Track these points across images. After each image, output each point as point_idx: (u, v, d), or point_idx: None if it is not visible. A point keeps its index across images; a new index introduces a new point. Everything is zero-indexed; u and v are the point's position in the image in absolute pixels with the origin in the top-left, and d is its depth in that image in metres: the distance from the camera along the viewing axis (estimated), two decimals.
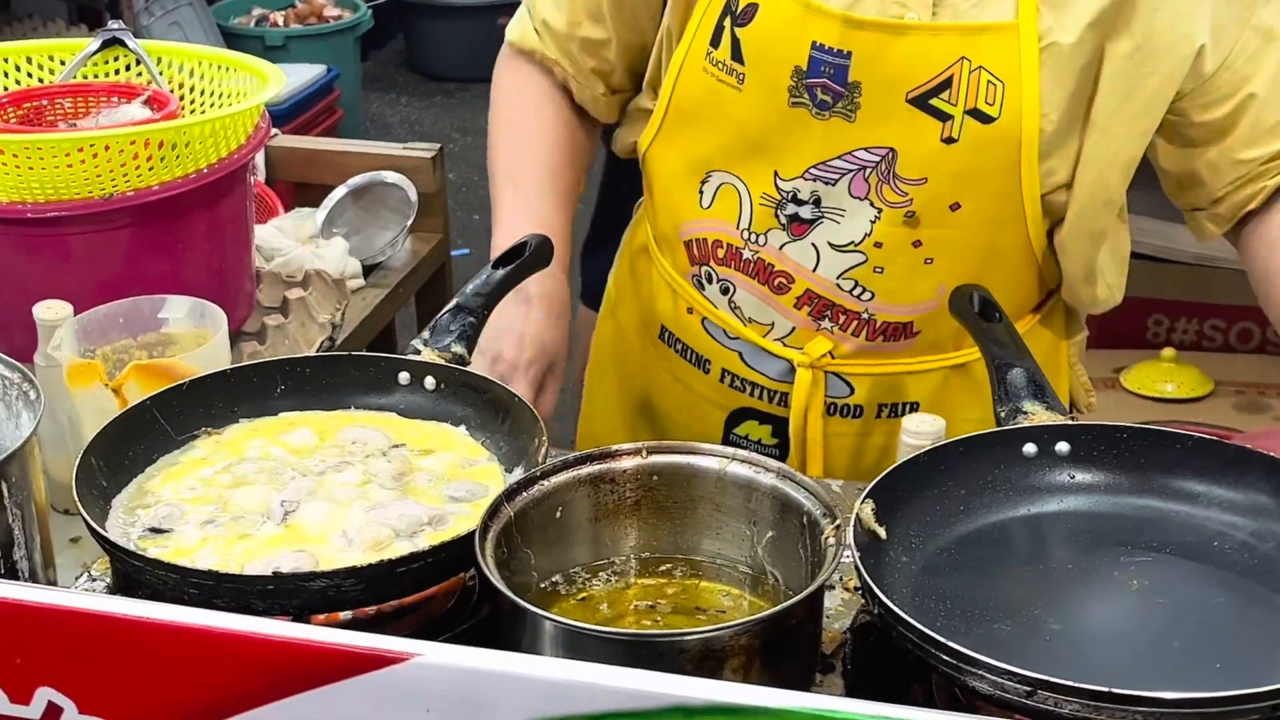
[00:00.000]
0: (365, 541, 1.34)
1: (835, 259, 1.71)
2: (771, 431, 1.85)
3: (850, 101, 1.64)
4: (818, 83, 1.64)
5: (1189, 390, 3.11)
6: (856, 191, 1.68)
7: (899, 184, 1.66)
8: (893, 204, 1.67)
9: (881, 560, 1.31)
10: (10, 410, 1.48)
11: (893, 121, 1.64)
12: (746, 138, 1.71)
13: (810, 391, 1.78)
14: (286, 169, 2.72)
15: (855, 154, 1.66)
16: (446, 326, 1.57)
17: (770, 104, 1.67)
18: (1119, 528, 1.37)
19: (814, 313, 1.76)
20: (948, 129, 1.63)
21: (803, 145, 1.68)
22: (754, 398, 1.84)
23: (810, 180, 1.69)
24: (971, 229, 1.69)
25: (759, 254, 1.75)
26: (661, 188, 1.84)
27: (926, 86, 1.62)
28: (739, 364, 1.83)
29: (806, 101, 1.65)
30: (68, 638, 1.01)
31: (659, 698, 0.94)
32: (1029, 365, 1.48)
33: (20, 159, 1.80)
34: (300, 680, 0.98)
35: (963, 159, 1.64)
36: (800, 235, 1.72)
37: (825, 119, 1.65)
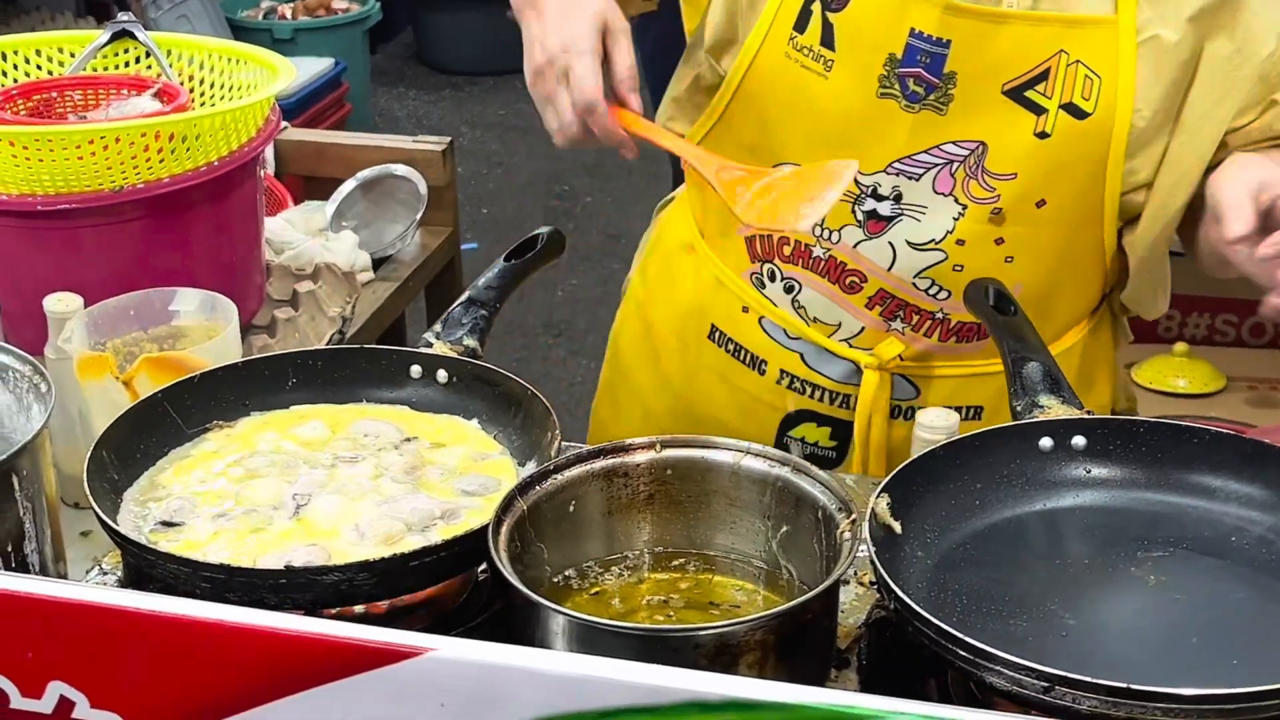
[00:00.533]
0: (377, 535, 1.34)
1: (913, 257, 1.68)
2: (830, 434, 1.81)
3: (943, 93, 1.60)
4: (911, 72, 1.61)
5: (1201, 385, 3.10)
6: (941, 187, 1.65)
7: (987, 179, 1.63)
8: (979, 200, 1.64)
9: (897, 555, 1.30)
10: (21, 403, 1.47)
11: (986, 114, 1.61)
12: (827, 129, 1.66)
13: (877, 394, 1.75)
14: (296, 162, 2.72)
15: (943, 148, 1.63)
16: (459, 320, 1.57)
17: (858, 93, 1.63)
18: (1135, 522, 1.37)
19: (886, 313, 1.72)
20: (1041, 123, 1.61)
21: (887, 138, 1.64)
22: (814, 400, 1.80)
23: (892, 175, 1.65)
24: (1053, 226, 1.66)
25: (831, 251, 1.71)
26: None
27: (1024, 78, 1.60)
28: (799, 365, 1.79)
29: (896, 92, 1.62)
30: (79, 632, 1.00)
31: (674, 693, 0.93)
32: (1045, 359, 1.47)
33: (30, 151, 1.80)
34: (314, 675, 0.97)
35: (1054, 154, 1.62)
36: (877, 233, 1.68)
37: (915, 111, 1.62)
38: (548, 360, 4.63)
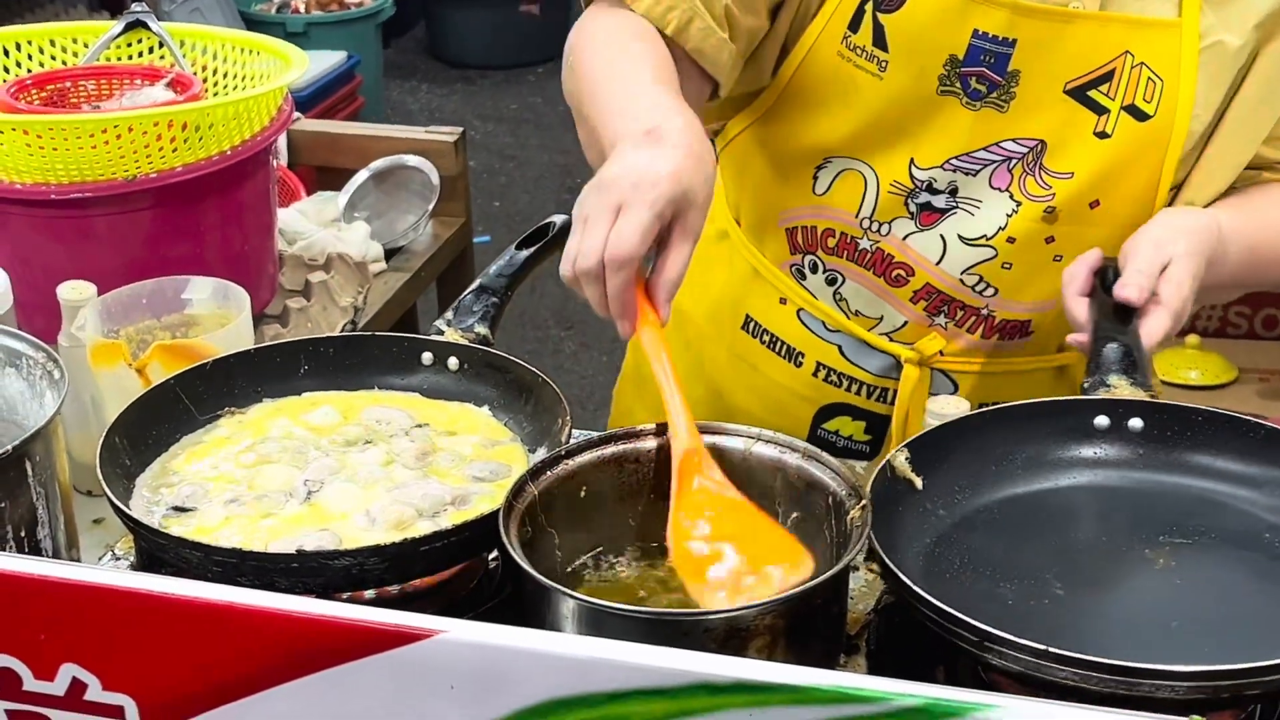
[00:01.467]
0: (388, 521, 1.34)
1: (963, 252, 1.68)
2: (865, 428, 1.81)
3: (1006, 91, 1.60)
4: (974, 71, 1.61)
5: (1213, 377, 3.10)
6: (998, 183, 1.65)
7: (1044, 176, 1.63)
8: (1034, 197, 1.64)
9: (916, 511, 1.32)
10: (34, 390, 1.48)
11: (1047, 112, 1.61)
12: (883, 124, 1.66)
13: (916, 389, 1.74)
14: (309, 153, 2.72)
15: (1003, 145, 1.63)
16: (470, 307, 1.57)
17: (915, 92, 1.63)
18: (1176, 509, 1.37)
19: (930, 308, 1.72)
20: (1102, 123, 1.61)
21: (947, 134, 1.64)
22: (850, 393, 1.80)
23: (950, 170, 1.65)
24: (1104, 228, 1.66)
25: (879, 244, 1.71)
26: (759, 174, 1.79)
27: (1088, 77, 1.60)
28: (837, 358, 1.78)
29: (958, 90, 1.62)
30: (92, 614, 1.01)
31: (683, 675, 0.93)
32: (1131, 342, 1.47)
33: (44, 140, 1.81)
34: (324, 656, 0.98)
35: (1112, 155, 1.62)
36: (929, 225, 1.68)
37: (976, 109, 1.62)
38: (559, 354, 4.64)
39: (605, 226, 1.33)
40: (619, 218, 1.32)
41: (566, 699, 0.95)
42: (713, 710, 0.93)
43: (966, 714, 0.90)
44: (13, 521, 1.36)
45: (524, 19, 6.72)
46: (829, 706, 0.92)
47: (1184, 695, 1.10)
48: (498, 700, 0.97)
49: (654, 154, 1.36)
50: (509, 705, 0.96)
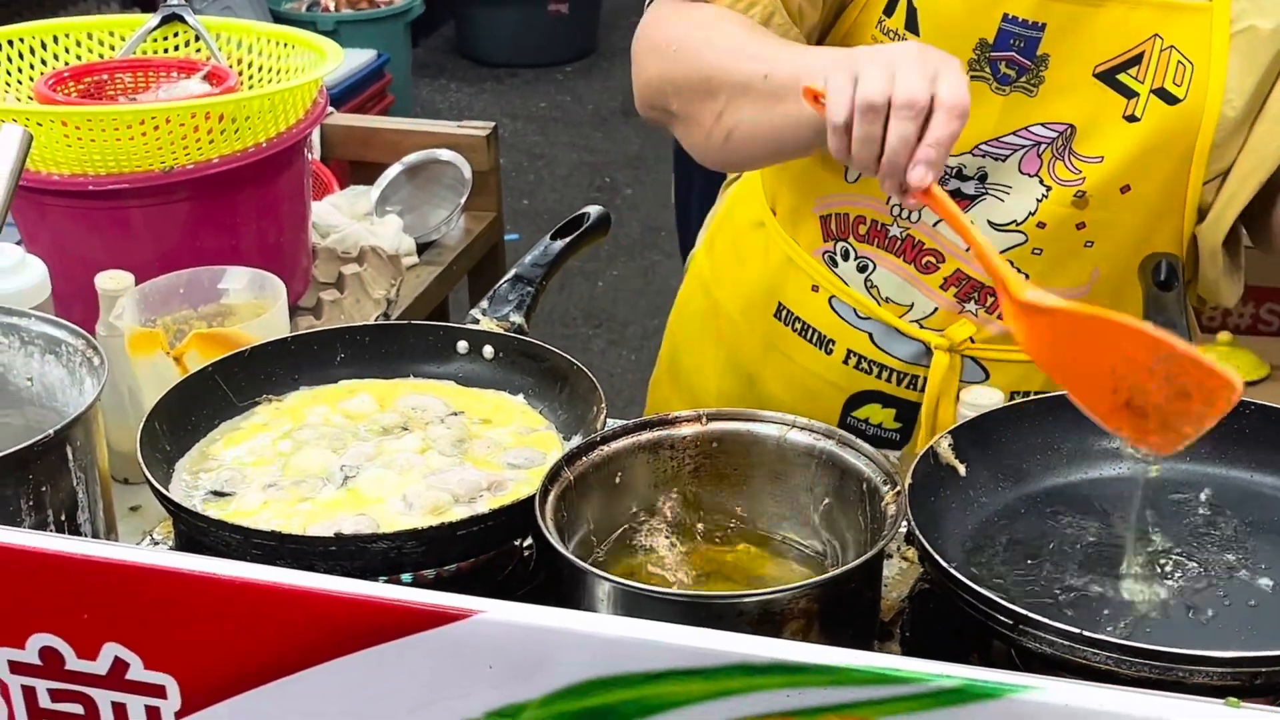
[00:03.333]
0: (425, 506, 1.35)
1: (994, 238, 1.67)
2: (896, 415, 1.81)
3: (1035, 75, 1.61)
4: (1004, 56, 1.61)
5: (1245, 374, 3.07)
6: (1027, 168, 1.65)
7: (1074, 161, 1.63)
8: (1064, 182, 1.64)
9: (959, 497, 1.33)
10: (74, 376, 1.49)
11: (1077, 96, 1.61)
12: None
13: (946, 376, 1.74)
14: (342, 147, 2.73)
15: (1032, 129, 1.63)
16: (505, 296, 1.58)
17: None
18: (1219, 500, 1.38)
19: (960, 294, 1.72)
20: (1132, 106, 1.61)
21: (977, 119, 1.59)
22: (881, 380, 1.79)
23: (979, 156, 1.65)
24: (1136, 214, 1.66)
25: (909, 231, 1.71)
26: (798, 160, 1.77)
27: (1117, 61, 1.59)
28: (868, 345, 1.78)
29: (987, 75, 1.62)
30: (134, 594, 1.02)
31: (720, 655, 0.94)
32: (1180, 334, 1.47)
33: (82, 132, 1.82)
34: (364, 636, 0.98)
35: (1142, 139, 1.61)
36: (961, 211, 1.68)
37: (1005, 93, 1.62)
38: (588, 351, 4.64)
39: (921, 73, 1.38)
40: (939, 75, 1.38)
41: (604, 679, 0.96)
42: (750, 690, 0.94)
43: (1004, 695, 0.90)
44: (53, 506, 1.37)
45: (552, 18, 6.73)
46: (866, 687, 0.92)
47: (1218, 681, 1.10)
48: (535, 680, 0.97)
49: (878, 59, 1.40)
50: (547, 685, 0.97)
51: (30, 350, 1.52)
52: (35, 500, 1.35)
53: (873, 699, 0.92)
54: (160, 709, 1.04)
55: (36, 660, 1.05)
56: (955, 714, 0.91)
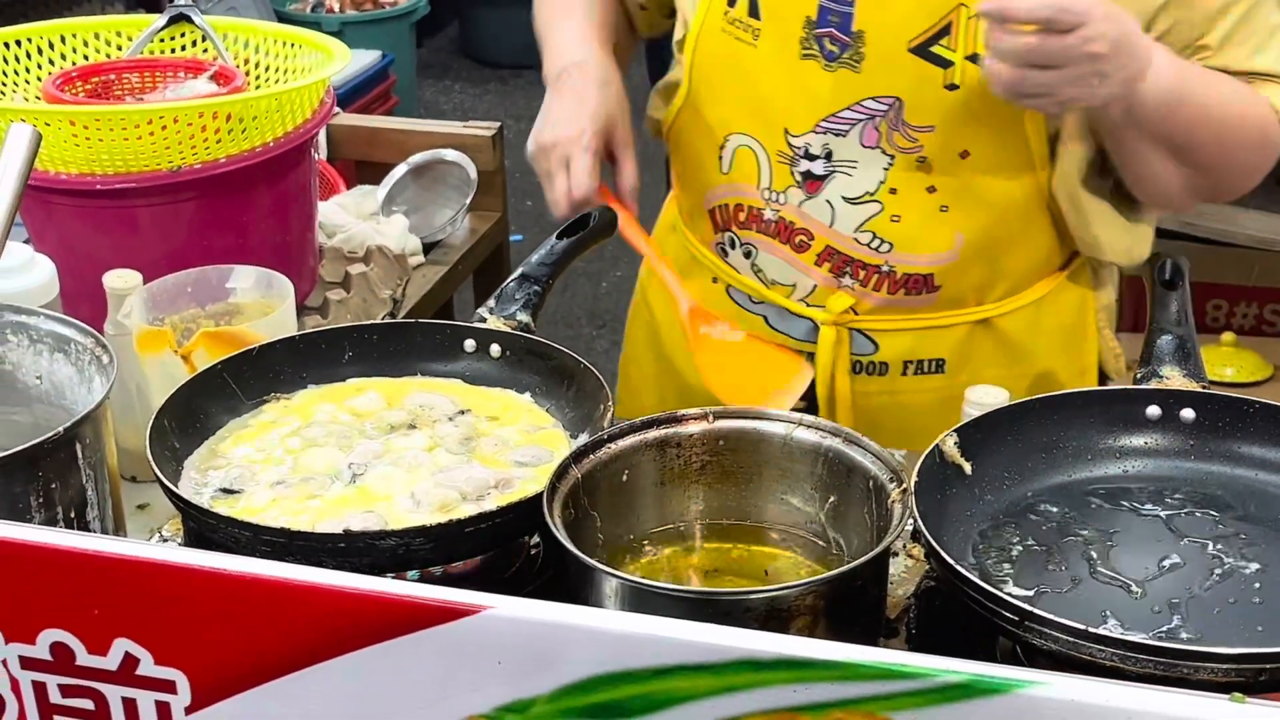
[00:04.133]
0: (433, 503, 1.36)
1: (851, 212, 1.73)
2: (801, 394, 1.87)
3: (856, 51, 1.66)
4: (826, 33, 1.67)
5: (1248, 375, 3.09)
6: (867, 141, 1.70)
7: (908, 131, 1.68)
8: (904, 149, 1.69)
9: (964, 495, 1.34)
10: (83, 375, 1.50)
11: (897, 70, 1.66)
12: (759, 95, 1.73)
13: (835, 349, 1.80)
14: (348, 147, 2.74)
15: (864, 104, 1.69)
16: (512, 295, 1.59)
17: (783, 57, 1.70)
18: (1225, 499, 1.38)
19: (835, 269, 1.78)
20: (949, 75, 1.66)
21: (813, 98, 1.70)
22: None
23: (821, 134, 1.71)
24: (983, 176, 1.70)
25: (780, 213, 1.78)
26: (687, 160, 1.87)
27: (927, 34, 1.65)
28: (765, 328, 1.85)
29: (816, 53, 1.68)
30: (145, 589, 1.02)
31: (727, 651, 0.94)
32: (1184, 334, 1.48)
33: (90, 131, 1.82)
34: (373, 632, 0.99)
35: (967, 105, 1.66)
36: (815, 192, 1.74)
37: (834, 70, 1.68)
38: (592, 351, 4.65)
39: (563, 177, 1.72)
40: (569, 168, 1.72)
41: (612, 674, 0.96)
42: (756, 686, 0.94)
43: (1009, 690, 0.91)
44: (63, 503, 1.38)
45: None
46: (873, 683, 0.93)
47: (1223, 677, 1.10)
48: (544, 675, 0.98)
49: (567, 104, 1.76)
50: (555, 680, 0.97)
51: (39, 348, 1.53)
52: (45, 497, 1.36)
53: (879, 694, 0.93)
54: (170, 704, 1.04)
55: (47, 656, 1.05)
56: (961, 709, 0.91)
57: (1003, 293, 1.80)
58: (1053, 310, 1.84)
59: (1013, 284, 1.80)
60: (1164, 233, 2.99)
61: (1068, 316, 1.86)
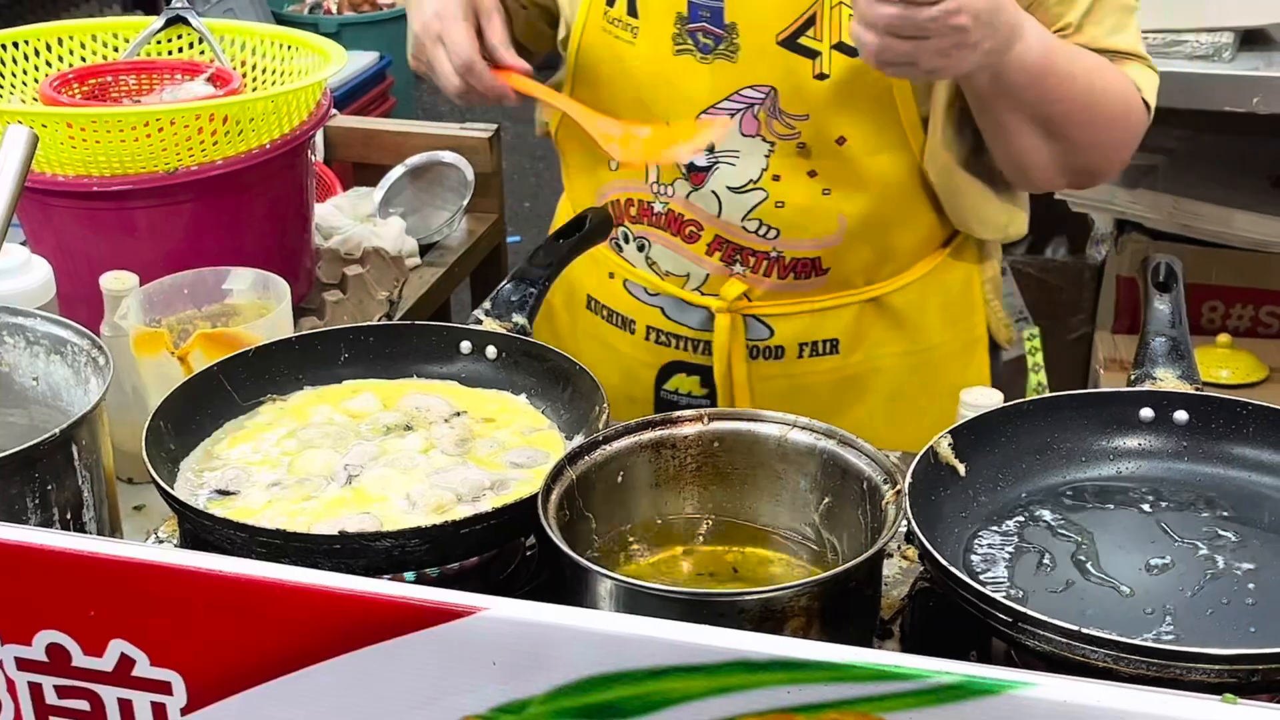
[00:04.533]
0: (428, 505, 1.36)
1: (736, 201, 1.77)
2: (700, 382, 1.91)
3: (730, 42, 1.70)
4: (699, 27, 1.71)
5: (1244, 376, 3.09)
6: (747, 130, 1.73)
7: (785, 119, 1.72)
8: (784, 136, 1.73)
9: (956, 496, 1.34)
10: (79, 376, 1.50)
11: (769, 61, 1.70)
12: (640, 91, 1.77)
13: (731, 335, 1.83)
14: (345, 149, 2.74)
15: (741, 93, 1.72)
16: (508, 297, 1.59)
17: (659, 53, 1.73)
18: (1219, 501, 1.38)
19: (725, 257, 1.81)
20: (818, 65, 1.69)
21: (691, 91, 1.74)
22: (680, 350, 1.90)
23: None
24: (860, 160, 1.74)
25: (669, 205, 1.81)
26: (576, 159, 1.91)
27: (793, 26, 1.68)
28: (662, 319, 1.89)
29: (691, 47, 1.72)
30: (141, 590, 1.02)
31: (721, 652, 0.94)
32: (1177, 335, 1.48)
33: (86, 133, 1.83)
34: (368, 633, 0.99)
35: (836, 93, 1.70)
36: (700, 183, 1.78)
37: (710, 62, 1.72)
38: None
39: (442, 54, 1.73)
40: (444, 41, 1.72)
41: (606, 676, 0.97)
42: (751, 687, 0.94)
43: (1002, 691, 0.91)
44: (59, 504, 1.38)
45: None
46: (866, 684, 0.93)
47: (1215, 678, 1.10)
48: (539, 676, 0.98)
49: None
50: (550, 681, 0.98)
51: (36, 350, 1.53)
52: (41, 499, 1.36)
53: (873, 695, 0.93)
54: (166, 705, 1.05)
55: (43, 657, 1.05)
56: (954, 710, 0.92)
57: (890, 271, 1.85)
58: (939, 285, 1.89)
59: (899, 263, 1.85)
60: (1159, 234, 3.02)
61: (954, 290, 1.91)
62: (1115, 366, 2.98)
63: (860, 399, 1.89)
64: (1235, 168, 3.08)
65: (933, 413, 1.83)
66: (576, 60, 1.81)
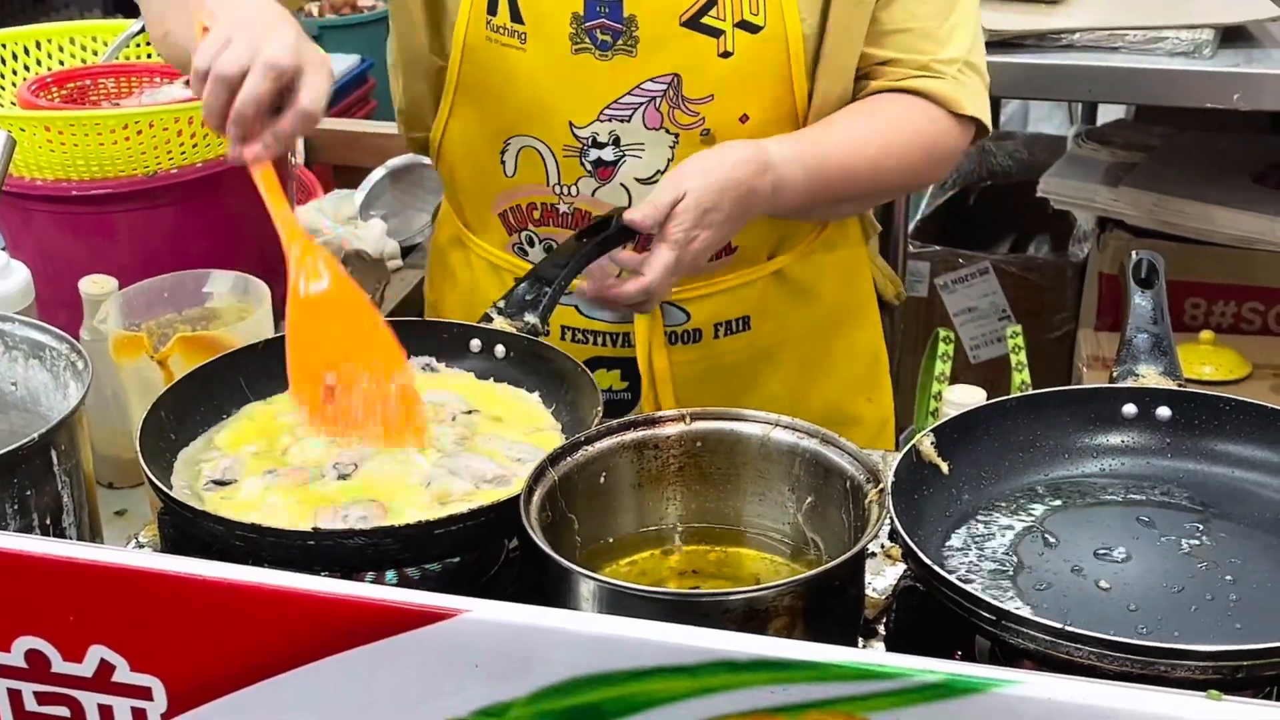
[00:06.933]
0: (434, 492, 1.36)
1: (645, 192, 1.75)
2: (621, 375, 1.90)
3: (629, 36, 1.70)
4: (596, 24, 1.71)
5: (1227, 373, 3.09)
6: (651, 123, 1.74)
7: (689, 106, 1.73)
8: (686, 126, 1.74)
9: (939, 495, 1.34)
10: (58, 381, 1.49)
11: (671, 47, 1.71)
12: (537, 95, 1.76)
13: (650, 325, 1.84)
14: (326, 151, 2.74)
15: (643, 86, 1.72)
16: (522, 296, 1.59)
17: (555, 55, 1.72)
18: (1201, 497, 1.38)
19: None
20: (722, 44, 1.70)
21: (592, 89, 1.74)
22: (598, 345, 1.89)
23: (606, 122, 1.74)
24: (762, 137, 1.73)
25: (574, 205, 1.81)
26: (464, 170, 1.88)
27: (695, 6, 1.69)
28: (577, 317, 1.88)
29: (589, 45, 1.71)
30: (120, 596, 1.02)
31: (704, 653, 0.94)
32: (1159, 332, 1.49)
33: (65, 137, 1.82)
34: (350, 636, 0.99)
35: (741, 70, 1.71)
36: (608, 178, 1.78)
37: (609, 59, 1.71)
38: None
39: (251, 42, 1.45)
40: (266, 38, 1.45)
41: (589, 677, 0.97)
42: (734, 688, 0.94)
43: (986, 689, 0.91)
44: (38, 510, 1.37)
45: None
46: (850, 683, 0.93)
47: (1200, 675, 1.10)
48: (521, 678, 0.98)
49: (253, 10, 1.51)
50: (532, 683, 0.98)
51: (14, 355, 1.53)
52: (20, 505, 1.35)
53: (856, 694, 0.93)
54: (146, 711, 1.04)
55: (22, 663, 1.05)
56: (938, 709, 0.92)
57: (790, 244, 1.88)
58: (831, 252, 1.93)
59: (797, 235, 1.88)
60: (1140, 231, 3.02)
61: (845, 253, 1.95)
62: (1098, 364, 2.98)
63: (773, 372, 1.91)
64: (1217, 164, 3.08)
65: (839, 373, 1.93)
66: (459, 76, 1.79)
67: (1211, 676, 1.10)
